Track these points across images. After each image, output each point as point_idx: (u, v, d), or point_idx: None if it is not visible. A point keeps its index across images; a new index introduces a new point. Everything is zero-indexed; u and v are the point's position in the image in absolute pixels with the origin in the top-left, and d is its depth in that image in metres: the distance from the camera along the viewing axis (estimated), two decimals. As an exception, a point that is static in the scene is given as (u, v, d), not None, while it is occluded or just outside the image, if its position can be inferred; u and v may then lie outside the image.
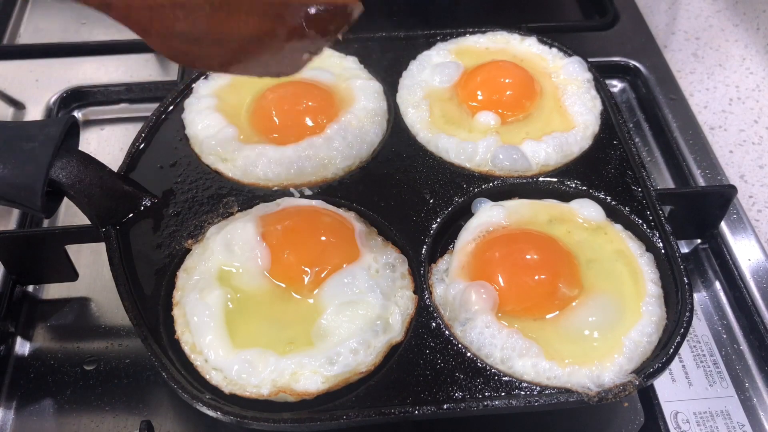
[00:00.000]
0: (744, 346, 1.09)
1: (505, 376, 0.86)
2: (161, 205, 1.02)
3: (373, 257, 0.95)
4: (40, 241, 1.07)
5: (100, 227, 0.98)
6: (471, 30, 1.28)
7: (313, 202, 1.01)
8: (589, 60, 1.22)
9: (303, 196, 1.04)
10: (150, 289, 0.94)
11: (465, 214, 1.03)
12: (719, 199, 1.15)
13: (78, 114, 1.41)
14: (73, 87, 1.42)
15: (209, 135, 1.08)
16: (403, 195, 1.04)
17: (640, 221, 1.01)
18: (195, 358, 0.88)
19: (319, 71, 1.17)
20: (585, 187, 1.05)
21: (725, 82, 1.50)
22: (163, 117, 1.13)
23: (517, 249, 0.96)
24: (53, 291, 1.15)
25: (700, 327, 1.11)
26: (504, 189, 1.05)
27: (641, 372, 0.86)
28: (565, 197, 1.05)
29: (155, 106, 1.14)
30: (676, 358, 0.99)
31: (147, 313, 0.91)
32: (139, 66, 1.47)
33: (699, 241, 1.21)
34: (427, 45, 1.25)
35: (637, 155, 1.08)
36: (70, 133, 0.97)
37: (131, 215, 1.00)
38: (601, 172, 1.07)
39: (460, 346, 0.89)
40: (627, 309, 0.92)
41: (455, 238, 1.00)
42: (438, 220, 1.01)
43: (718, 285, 1.16)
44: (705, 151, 1.32)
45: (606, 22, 1.57)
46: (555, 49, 1.24)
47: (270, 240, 0.94)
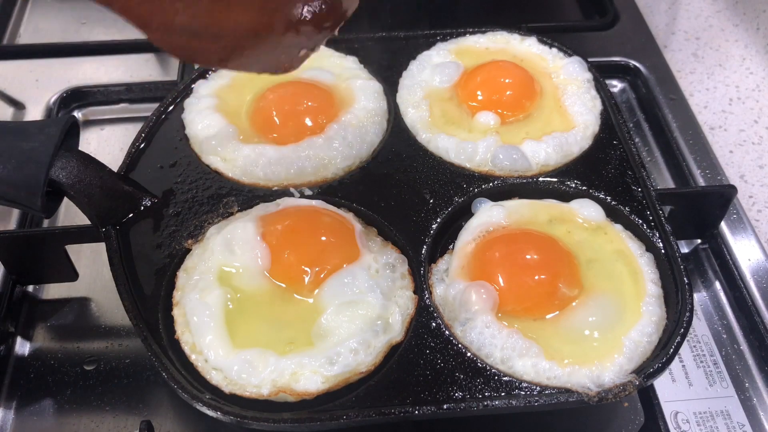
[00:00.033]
0: (744, 346, 1.09)
1: (505, 376, 0.86)
2: (161, 205, 1.02)
3: (373, 257, 0.95)
4: (40, 241, 1.07)
5: (100, 227, 0.98)
6: (471, 30, 1.28)
7: (313, 202, 1.01)
8: (589, 60, 1.22)
9: (303, 196, 1.04)
10: (150, 289, 0.94)
11: (465, 214, 1.03)
12: (719, 199, 1.15)
13: (78, 114, 1.41)
14: (73, 87, 1.41)
15: (209, 135, 1.08)
16: (403, 195, 1.04)
17: (640, 221, 1.01)
18: (195, 358, 0.88)
19: (319, 71, 1.17)
20: (585, 187, 1.05)
21: (725, 82, 1.50)
22: (163, 117, 1.13)
23: (517, 249, 0.96)
24: (53, 291, 1.15)
25: (700, 327, 1.11)
26: (504, 189, 1.05)
27: (641, 372, 0.86)
28: (565, 197, 1.05)
29: (155, 106, 1.14)
30: (676, 358, 0.99)
31: (147, 313, 0.91)
32: (139, 66, 1.47)
33: (699, 241, 1.21)
34: (427, 45, 1.25)
35: (637, 155, 1.08)
36: (70, 133, 0.97)
37: (131, 215, 1.00)
38: (601, 172, 1.07)
39: (460, 346, 0.89)
40: (627, 309, 0.92)
41: (455, 238, 1.00)
42: (438, 220, 1.01)
43: (718, 285, 1.16)
44: (705, 151, 1.32)
45: (606, 22, 1.57)
46: (555, 49, 1.24)
47: (270, 240, 0.94)
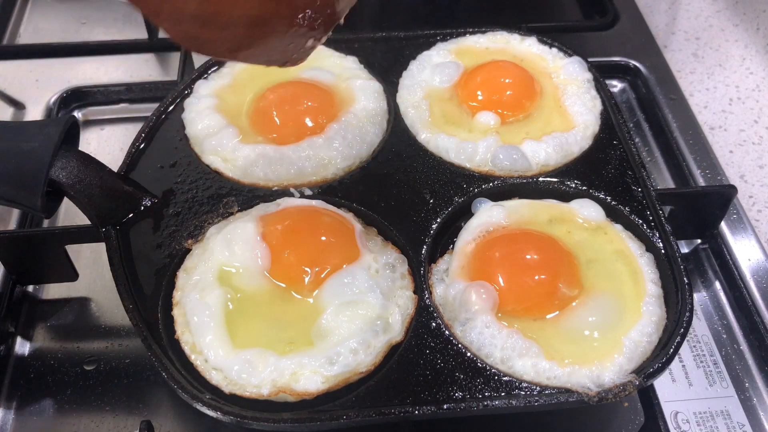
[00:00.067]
0: (744, 346, 1.09)
1: (505, 376, 0.86)
2: (161, 205, 1.02)
3: (373, 257, 0.95)
4: (40, 241, 1.07)
5: (100, 227, 0.98)
6: (471, 30, 1.27)
7: (313, 202, 1.01)
8: (589, 60, 1.22)
9: (303, 196, 1.03)
10: (150, 289, 0.94)
11: (465, 214, 1.03)
12: (719, 199, 1.15)
13: (78, 114, 1.41)
14: (73, 87, 1.41)
15: (209, 135, 1.08)
16: (403, 195, 1.04)
17: (640, 221, 1.01)
18: (195, 358, 0.88)
19: (319, 71, 1.17)
20: (585, 187, 1.05)
21: (725, 82, 1.50)
22: (163, 117, 1.13)
23: (517, 249, 0.96)
24: (53, 291, 1.15)
25: (700, 327, 1.11)
26: (504, 189, 1.05)
27: (641, 372, 0.86)
28: (565, 197, 1.05)
29: (155, 106, 1.14)
30: (676, 358, 0.99)
31: (147, 313, 0.91)
32: (139, 66, 1.47)
33: (699, 241, 1.21)
34: (427, 45, 1.25)
35: (637, 155, 1.08)
36: (70, 133, 0.97)
37: (131, 215, 1.00)
38: (601, 172, 1.07)
39: (460, 346, 0.89)
40: (627, 309, 0.92)
41: (455, 238, 1.00)
42: (438, 220, 1.01)
43: (718, 285, 1.16)
44: (705, 151, 1.32)
45: (606, 22, 1.57)
46: (555, 49, 1.24)
47: (270, 240, 0.94)
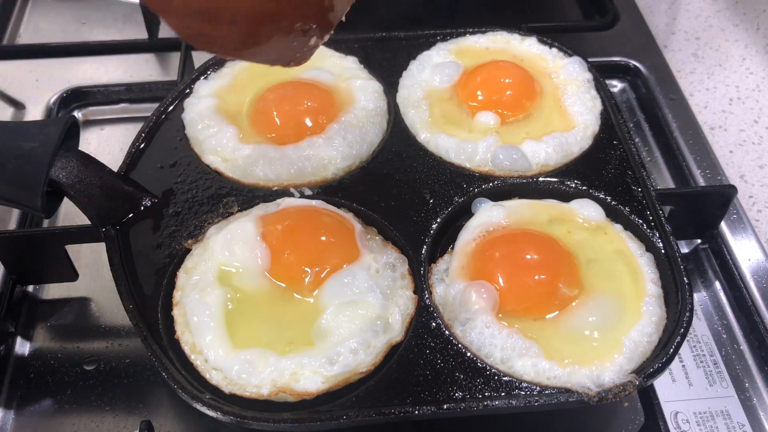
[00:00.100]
0: (744, 346, 1.09)
1: (505, 376, 0.86)
2: (161, 205, 1.02)
3: (373, 257, 0.95)
4: (40, 241, 1.07)
5: (100, 227, 0.98)
6: (471, 30, 1.28)
7: (313, 202, 1.01)
8: (589, 60, 1.22)
9: (303, 196, 1.03)
10: (150, 289, 0.94)
11: (465, 214, 1.03)
12: (719, 199, 1.15)
13: (78, 114, 1.41)
14: (73, 87, 1.41)
15: (209, 135, 1.08)
16: (403, 195, 1.04)
17: (640, 221, 1.01)
18: (195, 358, 0.88)
19: (319, 71, 1.17)
20: (585, 187, 1.05)
21: (725, 82, 1.50)
22: (163, 117, 1.13)
23: (517, 249, 0.96)
24: (53, 291, 1.15)
25: (700, 327, 1.11)
26: (504, 189, 1.05)
27: (641, 372, 0.86)
28: (565, 197, 1.05)
29: (155, 106, 1.14)
30: (676, 358, 0.99)
31: (147, 313, 0.91)
32: (139, 66, 1.47)
33: (699, 241, 1.21)
34: (427, 45, 1.25)
35: (637, 155, 1.08)
36: (70, 133, 0.97)
37: (131, 215, 1.00)
38: (601, 172, 1.07)
39: (460, 346, 0.89)
40: (627, 309, 0.92)
41: (455, 238, 1.00)
42: (438, 220, 1.01)
43: (718, 285, 1.16)
44: (705, 151, 1.32)
45: (606, 22, 1.57)
46: (555, 49, 1.24)
47: (270, 240, 0.94)
